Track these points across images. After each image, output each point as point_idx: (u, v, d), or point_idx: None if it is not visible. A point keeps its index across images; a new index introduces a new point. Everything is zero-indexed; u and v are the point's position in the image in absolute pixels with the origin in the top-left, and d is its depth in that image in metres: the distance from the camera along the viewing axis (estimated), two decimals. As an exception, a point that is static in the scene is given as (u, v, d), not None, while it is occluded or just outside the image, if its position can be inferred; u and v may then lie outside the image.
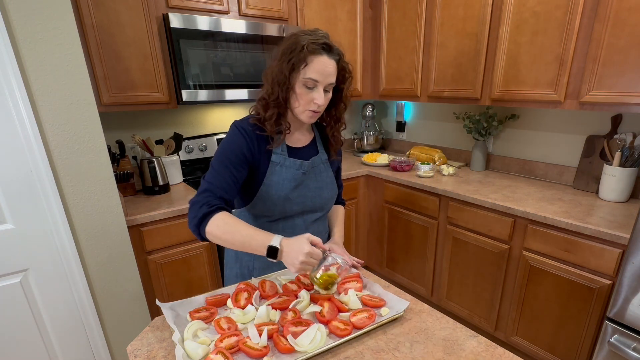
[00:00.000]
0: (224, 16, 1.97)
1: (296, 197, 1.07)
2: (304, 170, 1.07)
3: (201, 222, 0.91)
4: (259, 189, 1.04)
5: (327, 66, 0.95)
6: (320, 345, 0.78)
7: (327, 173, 1.14)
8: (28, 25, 1.21)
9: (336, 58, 0.98)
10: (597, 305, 1.49)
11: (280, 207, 1.06)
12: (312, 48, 0.93)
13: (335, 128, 1.13)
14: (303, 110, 0.99)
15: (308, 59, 0.93)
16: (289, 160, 1.05)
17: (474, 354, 0.78)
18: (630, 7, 1.42)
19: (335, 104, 1.09)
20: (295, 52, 0.94)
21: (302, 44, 0.93)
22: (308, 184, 1.09)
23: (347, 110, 1.12)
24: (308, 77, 0.94)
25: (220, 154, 0.99)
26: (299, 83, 0.96)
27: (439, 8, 2.12)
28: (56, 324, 1.47)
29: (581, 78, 1.62)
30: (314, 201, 1.11)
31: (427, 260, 2.23)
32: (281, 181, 1.04)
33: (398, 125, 3.03)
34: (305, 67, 0.94)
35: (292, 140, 1.09)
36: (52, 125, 1.31)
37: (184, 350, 0.75)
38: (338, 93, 1.07)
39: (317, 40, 0.94)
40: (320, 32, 0.98)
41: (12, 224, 1.31)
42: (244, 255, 1.15)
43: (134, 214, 1.67)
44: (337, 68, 0.99)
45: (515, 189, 1.97)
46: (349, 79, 1.05)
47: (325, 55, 0.95)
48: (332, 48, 0.96)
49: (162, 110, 2.17)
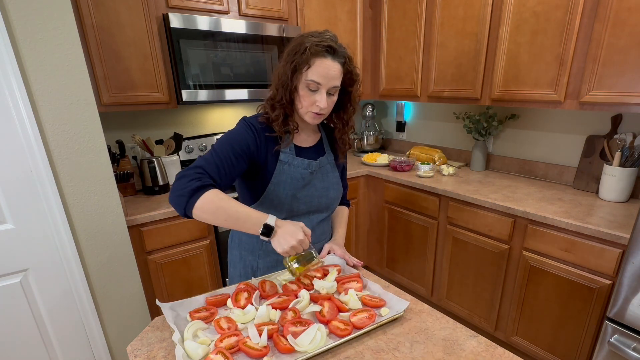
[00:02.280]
0: (224, 16, 1.97)
1: (304, 196, 1.07)
2: (312, 169, 1.08)
3: (191, 196, 0.86)
4: (266, 188, 1.04)
5: (330, 69, 0.94)
6: (320, 345, 0.78)
7: (333, 173, 1.15)
8: (28, 25, 1.21)
9: (341, 61, 0.96)
10: (597, 305, 1.49)
11: (288, 206, 1.06)
12: (315, 50, 0.92)
13: (344, 131, 1.12)
14: (306, 111, 1.00)
15: (311, 61, 0.93)
16: (297, 159, 1.06)
17: (474, 354, 0.78)
18: (630, 7, 1.42)
19: (343, 107, 1.09)
20: (298, 54, 0.93)
21: (305, 46, 0.93)
22: (315, 184, 1.09)
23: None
24: (310, 80, 0.94)
25: (225, 141, 0.97)
26: (302, 85, 0.96)
27: (439, 8, 2.12)
28: (56, 324, 1.47)
29: (581, 78, 1.62)
30: (320, 201, 1.11)
31: (427, 260, 2.23)
32: (289, 180, 1.04)
33: (398, 125, 3.03)
34: (307, 70, 0.94)
35: (299, 140, 1.09)
36: (52, 125, 1.31)
37: (184, 350, 0.75)
38: (346, 96, 1.06)
39: (321, 42, 0.93)
40: (327, 34, 0.97)
41: (12, 224, 1.31)
42: (247, 255, 1.16)
43: (134, 214, 1.67)
44: (342, 71, 0.97)
45: (515, 189, 1.97)
46: (357, 82, 1.04)
47: (329, 58, 0.94)
48: (337, 51, 0.95)
49: (162, 110, 2.17)
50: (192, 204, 0.86)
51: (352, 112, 1.10)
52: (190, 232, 1.83)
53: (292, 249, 0.87)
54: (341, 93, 1.05)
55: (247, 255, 1.16)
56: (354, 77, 1.02)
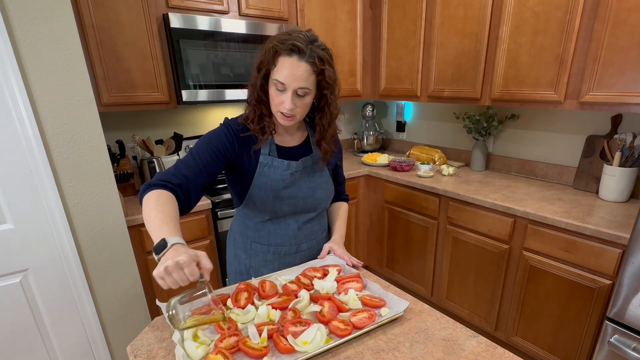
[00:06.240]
0: (224, 16, 1.97)
1: (286, 197, 1.06)
2: (292, 170, 1.05)
3: (145, 190, 0.88)
4: (248, 190, 1.04)
5: (295, 69, 0.89)
6: (320, 345, 0.78)
7: (321, 172, 1.12)
8: (28, 25, 1.21)
9: (310, 61, 0.90)
10: (597, 305, 1.49)
11: (270, 207, 1.05)
12: (279, 49, 0.89)
13: (322, 136, 1.05)
14: (275, 111, 0.97)
15: (275, 60, 0.91)
16: (277, 160, 1.04)
17: (474, 354, 0.78)
18: (630, 7, 1.42)
19: (321, 111, 1.03)
20: (265, 53, 0.92)
21: (270, 44, 0.91)
22: (299, 184, 1.07)
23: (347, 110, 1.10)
24: (275, 79, 0.92)
25: (202, 142, 0.99)
26: (271, 84, 0.94)
27: (439, 8, 2.12)
28: (56, 324, 1.47)
29: (581, 78, 1.62)
30: (306, 202, 1.09)
31: (427, 260, 2.23)
32: (269, 182, 1.03)
33: (398, 125, 3.03)
34: (274, 69, 0.92)
35: (282, 140, 1.08)
36: (52, 125, 1.31)
37: (184, 350, 0.75)
38: (322, 99, 1.01)
39: (287, 41, 0.89)
40: (300, 33, 0.92)
41: (12, 224, 1.31)
42: (241, 253, 1.17)
43: (134, 214, 1.67)
44: (311, 72, 0.91)
45: (515, 189, 1.97)
46: (332, 86, 0.98)
47: (295, 57, 0.89)
48: (303, 51, 0.89)
49: (162, 110, 2.17)
50: (140, 200, 0.89)
51: (330, 118, 1.03)
52: (191, 232, 1.83)
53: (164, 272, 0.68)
54: (319, 96, 1.00)
55: (240, 253, 1.17)
56: (328, 80, 0.95)
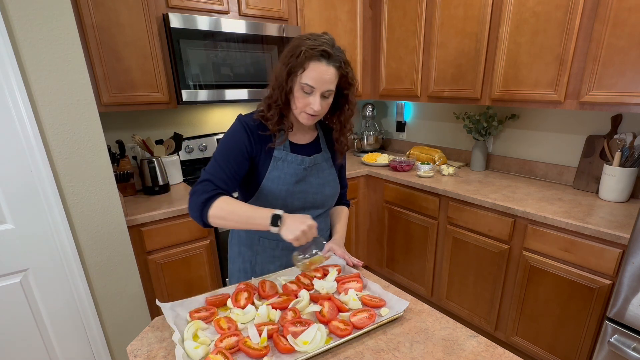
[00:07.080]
0: (224, 16, 1.97)
1: (298, 192, 1.09)
2: (305, 165, 1.09)
3: (204, 207, 0.94)
4: (261, 184, 1.06)
5: (325, 73, 0.96)
6: (320, 345, 0.78)
7: (329, 171, 1.17)
8: (28, 25, 1.21)
9: (336, 65, 0.97)
10: (597, 305, 1.49)
11: (282, 201, 1.08)
12: (310, 54, 0.94)
13: (341, 132, 1.14)
14: (300, 112, 1.02)
15: (305, 64, 0.95)
16: (291, 155, 1.08)
17: (474, 354, 0.78)
18: (630, 7, 1.42)
19: (340, 109, 1.10)
20: (294, 57, 0.95)
21: (300, 49, 0.94)
22: (310, 180, 1.11)
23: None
24: (304, 83, 0.96)
25: (223, 147, 1.03)
26: (297, 87, 0.98)
27: (439, 8, 2.12)
28: (56, 324, 1.47)
29: (581, 78, 1.62)
30: (315, 197, 1.13)
31: (427, 260, 2.23)
32: (283, 175, 1.06)
33: (398, 125, 3.03)
34: (302, 73, 0.95)
35: (295, 137, 1.12)
36: (52, 125, 1.31)
37: (184, 350, 0.75)
38: (342, 98, 1.08)
39: (317, 46, 0.94)
40: (324, 37, 0.98)
41: (12, 224, 1.31)
42: (246, 250, 1.18)
43: (134, 214, 1.66)
44: (337, 75, 0.99)
45: (515, 189, 1.97)
46: (353, 86, 1.06)
47: (324, 62, 0.95)
48: (332, 55, 0.96)
49: (162, 110, 2.17)
50: (206, 214, 0.95)
51: (349, 114, 1.11)
52: (191, 232, 1.83)
53: (302, 233, 0.90)
54: (338, 95, 1.06)
55: (245, 250, 1.18)
56: (350, 81, 1.04)
